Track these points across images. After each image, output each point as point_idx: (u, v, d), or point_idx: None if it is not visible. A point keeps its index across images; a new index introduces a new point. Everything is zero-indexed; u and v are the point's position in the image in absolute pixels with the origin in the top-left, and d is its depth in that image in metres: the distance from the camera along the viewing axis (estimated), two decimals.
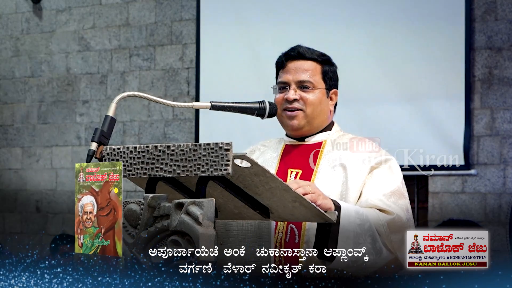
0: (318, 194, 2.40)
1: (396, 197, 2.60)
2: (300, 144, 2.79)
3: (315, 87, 2.74)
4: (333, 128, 2.82)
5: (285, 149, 2.81)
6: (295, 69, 2.76)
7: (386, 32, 5.99)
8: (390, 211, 2.55)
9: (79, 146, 7.17)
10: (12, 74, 7.49)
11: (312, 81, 2.74)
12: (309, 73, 2.75)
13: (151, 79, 6.94)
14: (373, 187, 2.63)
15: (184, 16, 6.84)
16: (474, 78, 5.81)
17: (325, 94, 2.77)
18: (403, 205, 2.60)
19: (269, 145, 2.87)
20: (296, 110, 2.74)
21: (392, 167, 2.68)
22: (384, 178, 2.65)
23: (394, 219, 2.53)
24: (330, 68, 2.79)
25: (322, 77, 2.76)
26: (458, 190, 5.83)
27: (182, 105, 2.66)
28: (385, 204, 2.56)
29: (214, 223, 2.06)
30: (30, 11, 7.44)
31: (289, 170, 2.73)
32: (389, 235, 2.49)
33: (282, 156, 2.79)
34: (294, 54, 2.77)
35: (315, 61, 2.76)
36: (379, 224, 2.49)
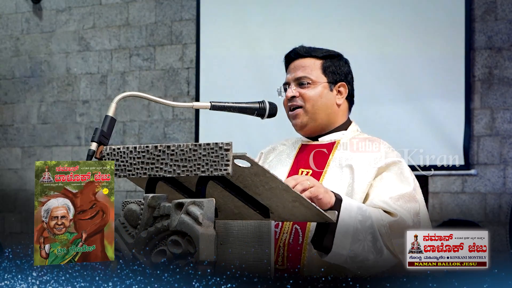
0: (318, 187, 2.38)
1: (404, 200, 2.55)
2: (314, 144, 2.79)
3: (313, 82, 2.73)
4: (350, 127, 2.79)
5: (301, 148, 2.80)
6: (294, 68, 2.77)
7: (386, 32, 5.99)
8: (394, 213, 2.51)
9: (79, 146, 7.18)
10: (12, 74, 7.50)
11: (310, 76, 2.73)
12: (306, 69, 2.74)
13: (151, 79, 6.94)
14: (380, 190, 2.59)
15: (184, 16, 6.84)
16: (474, 78, 5.81)
17: (327, 88, 2.74)
18: (411, 209, 2.54)
19: (288, 144, 2.86)
20: (296, 108, 2.74)
21: (404, 172, 2.62)
22: (393, 181, 2.60)
23: (397, 221, 2.48)
24: (333, 63, 2.76)
25: (323, 72, 2.74)
26: (458, 190, 5.83)
27: (182, 105, 2.66)
28: (390, 206, 2.52)
29: (214, 223, 2.06)
30: (30, 11, 7.44)
31: (300, 170, 2.73)
32: (390, 237, 2.46)
33: (296, 155, 2.78)
34: (292, 55, 2.78)
35: (314, 57, 2.76)
36: (381, 224, 2.46)
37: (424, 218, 2.60)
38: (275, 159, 2.83)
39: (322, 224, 2.39)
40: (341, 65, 2.79)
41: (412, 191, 2.59)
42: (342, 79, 2.77)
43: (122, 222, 2.13)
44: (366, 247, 2.40)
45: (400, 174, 2.62)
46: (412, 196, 2.58)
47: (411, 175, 2.65)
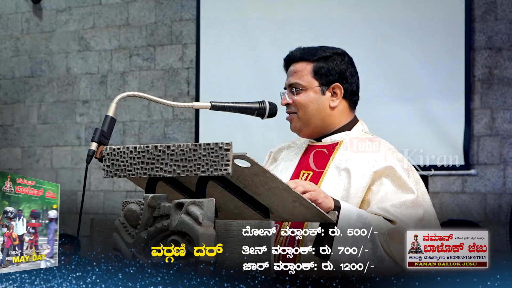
0: (319, 192, 2.38)
1: (406, 207, 2.52)
2: (317, 145, 2.78)
3: (304, 87, 2.71)
4: (355, 127, 2.77)
5: (306, 149, 2.79)
6: (289, 72, 2.76)
7: (386, 32, 5.99)
8: (394, 221, 2.49)
9: (79, 146, 7.17)
10: (12, 74, 7.49)
11: (301, 82, 2.71)
12: (298, 75, 2.72)
13: (151, 79, 6.94)
14: (381, 197, 2.56)
15: (184, 16, 6.84)
16: (474, 78, 5.81)
17: (319, 92, 2.71)
18: (413, 216, 2.51)
19: (297, 145, 2.86)
20: (291, 114, 2.74)
21: (403, 176, 2.58)
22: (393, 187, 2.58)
23: (397, 228, 2.46)
24: (325, 64, 2.72)
25: (313, 75, 2.71)
26: (458, 190, 5.83)
27: (182, 105, 2.66)
28: (390, 214, 2.50)
29: (214, 223, 2.06)
30: (30, 11, 7.44)
31: (301, 171, 2.72)
32: (390, 245, 2.45)
33: (302, 156, 2.78)
34: (287, 59, 2.77)
35: (306, 61, 2.73)
36: (380, 232, 2.45)
37: (430, 220, 2.57)
38: (282, 160, 2.83)
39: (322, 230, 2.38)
40: (336, 65, 2.73)
41: (414, 197, 2.55)
42: (335, 80, 2.73)
43: (122, 222, 2.13)
44: (366, 255, 2.39)
45: (399, 178, 2.59)
46: (414, 202, 2.55)
47: (413, 176, 2.62)
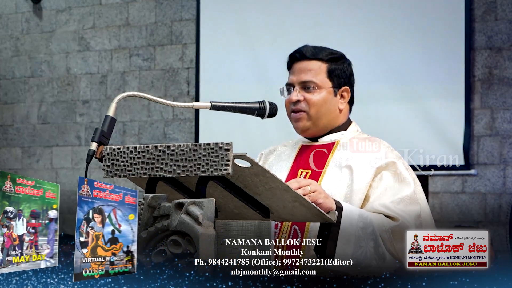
0: (319, 192, 2.38)
1: (405, 203, 2.53)
2: (313, 144, 2.78)
3: (319, 87, 2.70)
4: (350, 128, 2.78)
5: (301, 149, 2.79)
6: (299, 70, 2.73)
7: (386, 32, 5.99)
8: (395, 218, 2.49)
9: (79, 146, 7.17)
10: (12, 74, 7.50)
11: (316, 80, 2.71)
12: (312, 73, 2.71)
13: (151, 79, 6.94)
14: (380, 193, 2.57)
15: (184, 16, 6.84)
16: (474, 78, 5.81)
17: (332, 93, 2.72)
18: (413, 212, 2.52)
19: (289, 145, 2.85)
20: (300, 112, 2.72)
21: (403, 172, 2.60)
22: (393, 183, 2.59)
23: (399, 225, 2.47)
24: (338, 66, 2.73)
25: (328, 76, 2.71)
26: (458, 190, 5.83)
27: (182, 105, 2.66)
28: (391, 211, 2.50)
29: (214, 223, 2.06)
30: (30, 11, 7.44)
31: (299, 170, 2.72)
32: (393, 242, 2.45)
33: (296, 156, 2.77)
34: (298, 56, 2.75)
35: (320, 60, 2.72)
36: (383, 230, 2.45)
37: (427, 218, 2.58)
38: (275, 160, 2.83)
39: (325, 232, 2.39)
40: (345, 68, 2.75)
41: (412, 193, 2.57)
42: (345, 83, 2.74)
43: None
44: (368, 254, 2.39)
45: (399, 174, 2.60)
46: (412, 198, 2.56)
47: (411, 175, 2.63)
